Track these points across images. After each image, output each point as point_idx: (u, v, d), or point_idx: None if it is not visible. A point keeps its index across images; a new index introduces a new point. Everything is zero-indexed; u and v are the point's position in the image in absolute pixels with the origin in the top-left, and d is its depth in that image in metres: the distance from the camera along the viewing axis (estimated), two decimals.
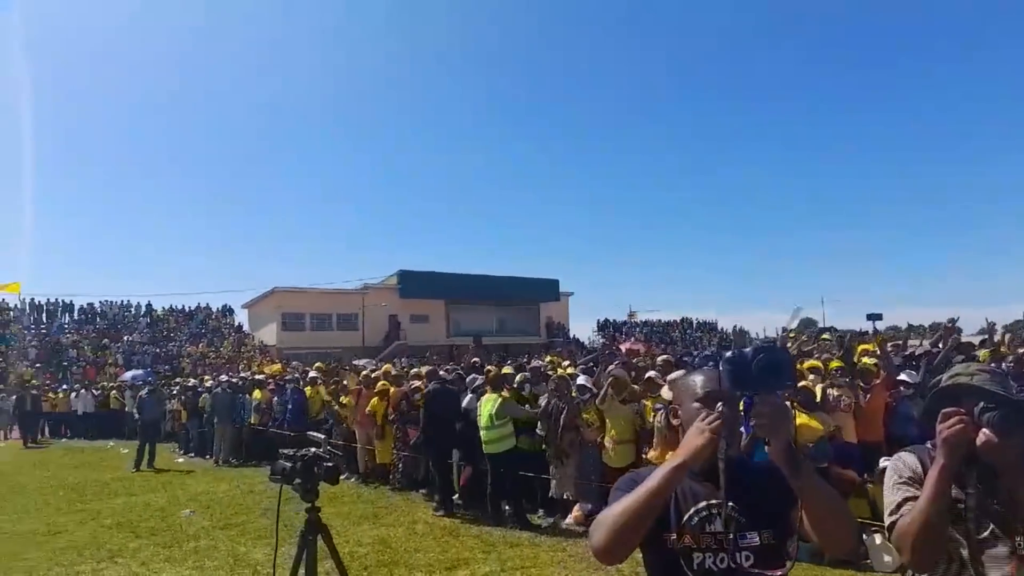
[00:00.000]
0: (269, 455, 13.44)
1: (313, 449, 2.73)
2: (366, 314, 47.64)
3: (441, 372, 10.39)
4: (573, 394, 7.83)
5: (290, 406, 12.83)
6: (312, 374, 14.14)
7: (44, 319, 43.05)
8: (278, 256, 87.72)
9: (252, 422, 14.10)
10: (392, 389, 10.28)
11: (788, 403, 1.37)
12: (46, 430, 23.22)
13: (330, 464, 2.67)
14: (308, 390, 12.90)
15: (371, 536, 7.54)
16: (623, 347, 17.10)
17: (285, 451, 2.82)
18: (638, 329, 62.06)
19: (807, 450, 6.01)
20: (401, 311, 50.13)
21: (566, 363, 11.48)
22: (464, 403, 8.91)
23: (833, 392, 7.30)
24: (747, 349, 1.31)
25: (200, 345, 43.71)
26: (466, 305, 53.55)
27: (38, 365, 36.03)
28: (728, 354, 1.33)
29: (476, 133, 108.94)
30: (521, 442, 8.07)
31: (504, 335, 52.20)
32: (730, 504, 1.58)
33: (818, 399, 7.07)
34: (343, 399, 11.53)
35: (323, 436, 2.94)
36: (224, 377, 17.15)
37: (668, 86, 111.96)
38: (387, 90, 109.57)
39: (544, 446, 7.92)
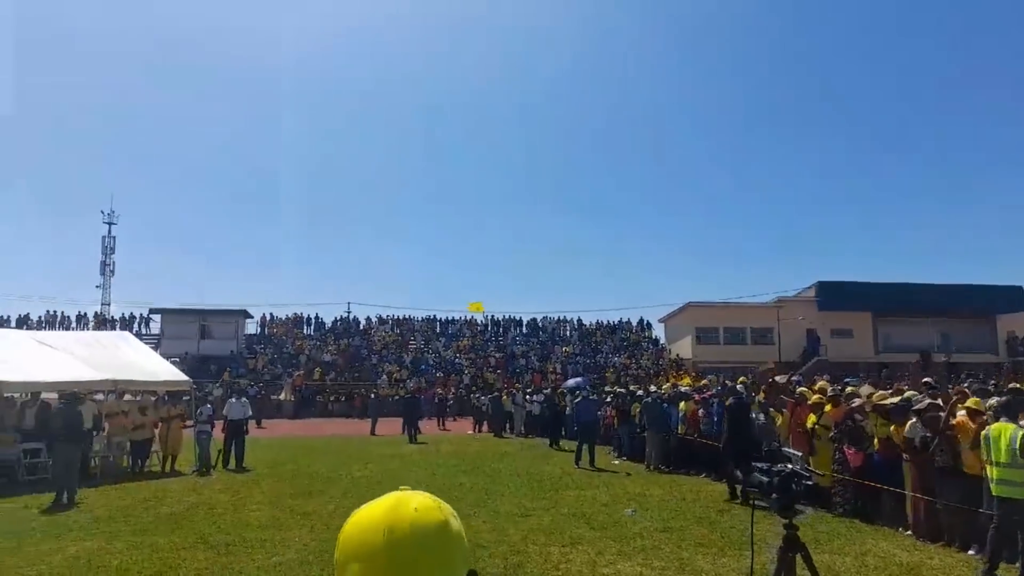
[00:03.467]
0: (695, 464, 13.88)
1: (790, 465, 2.76)
2: (782, 328, 45.80)
3: (738, 387, 12.78)
4: None
5: (716, 419, 13.03)
6: (737, 388, 14.08)
7: (500, 332, 51.25)
8: (691, 271, 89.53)
9: (680, 431, 14.68)
10: (829, 406, 9.68)
11: None
12: (507, 427, 27.34)
13: (809, 482, 2.66)
14: None
15: (816, 561, 7.16)
16: None
17: (759, 465, 2.90)
18: None
19: None
20: (820, 325, 46.87)
21: None
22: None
23: None
24: None
25: (622, 357, 47.17)
26: (898, 318, 47.57)
27: (498, 371, 43.06)
28: None
29: (904, 127, 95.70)
30: None
31: (950, 352, 44.86)
32: None
33: None
34: (776, 413, 11.26)
35: (799, 453, 2.93)
36: (653, 388, 18.16)
37: None
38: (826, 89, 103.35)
39: None
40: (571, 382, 28.95)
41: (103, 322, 46.64)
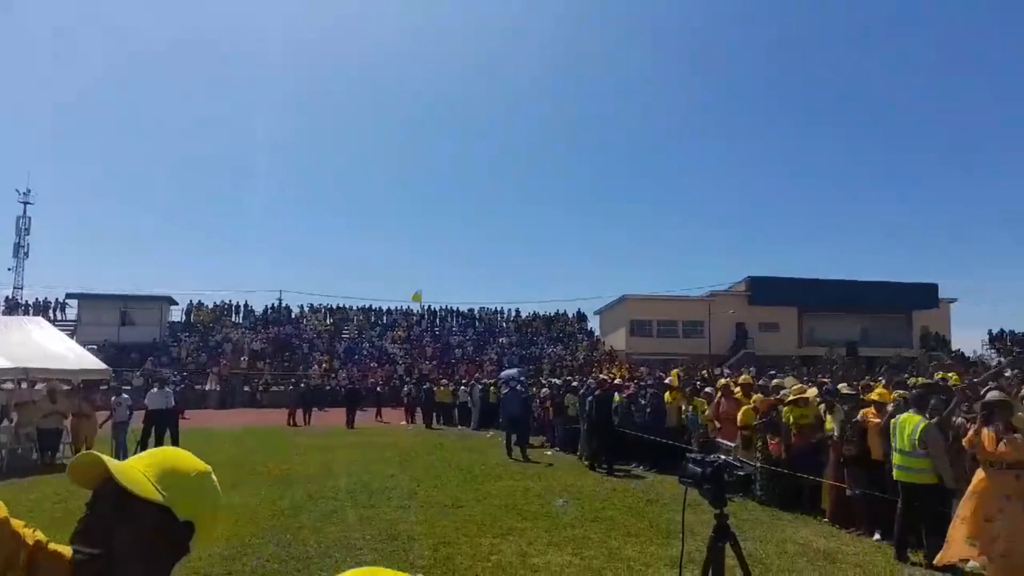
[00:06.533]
0: (626, 455, 14.04)
1: (723, 456, 2.76)
2: (713, 322, 47.03)
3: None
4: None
5: (648, 410, 13.22)
6: (668, 380, 14.36)
7: (437, 323, 50.89)
8: (629, 264, 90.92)
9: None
10: (758, 396, 9.94)
11: None
12: (440, 418, 27.15)
13: (742, 472, 2.67)
14: (667, 396, 13.13)
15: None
16: None
17: (693, 455, 2.90)
18: None
19: None
20: (749, 319, 48.32)
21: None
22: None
23: None
24: None
25: (557, 348, 47.56)
26: (822, 313, 49.47)
27: (433, 362, 42.77)
28: None
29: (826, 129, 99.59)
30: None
31: (868, 346, 47.01)
32: None
33: None
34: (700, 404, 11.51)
35: (734, 444, 2.94)
36: (591, 380, 18.32)
37: None
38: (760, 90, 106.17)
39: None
40: (505, 373, 28.97)
41: (15, 306, 44.11)
